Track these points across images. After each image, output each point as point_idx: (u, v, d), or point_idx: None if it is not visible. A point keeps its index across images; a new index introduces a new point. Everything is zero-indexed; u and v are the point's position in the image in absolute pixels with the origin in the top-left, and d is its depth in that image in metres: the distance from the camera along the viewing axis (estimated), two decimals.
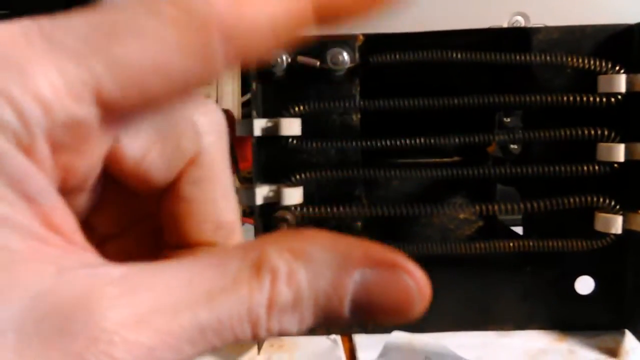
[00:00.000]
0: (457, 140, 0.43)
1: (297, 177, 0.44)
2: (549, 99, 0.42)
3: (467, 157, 0.51)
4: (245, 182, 0.51)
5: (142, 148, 0.20)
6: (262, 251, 0.17)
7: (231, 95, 0.65)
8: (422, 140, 0.43)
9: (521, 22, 0.69)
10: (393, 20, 0.69)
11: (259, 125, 0.43)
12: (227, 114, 0.53)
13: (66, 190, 0.18)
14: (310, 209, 0.44)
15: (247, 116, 0.44)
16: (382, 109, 0.43)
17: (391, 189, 0.51)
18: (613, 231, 0.42)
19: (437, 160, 0.50)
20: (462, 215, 0.51)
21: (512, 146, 0.51)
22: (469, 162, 0.47)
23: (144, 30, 0.16)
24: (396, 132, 0.43)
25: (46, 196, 0.16)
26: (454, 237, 0.51)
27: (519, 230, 0.48)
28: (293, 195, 0.44)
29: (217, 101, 0.64)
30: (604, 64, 0.41)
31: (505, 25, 0.68)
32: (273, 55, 0.43)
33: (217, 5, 0.17)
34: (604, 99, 0.41)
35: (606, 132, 0.42)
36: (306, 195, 0.45)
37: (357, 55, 0.44)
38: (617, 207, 0.42)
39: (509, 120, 0.53)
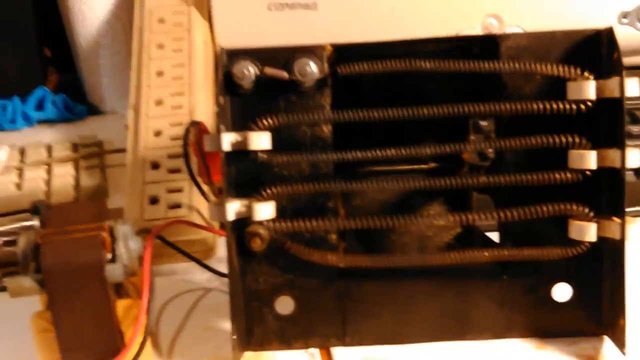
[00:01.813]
0: (429, 150, 0.42)
1: (269, 191, 0.43)
2: (519, 106, 0.41)
3: (443, 163, 0.50)
4: (220, 194, 0.50)
5: None
6: None
7: (204, 106, 0.64)
8: (395, 151, 0.42)
9: (494, 24, 0.68)
10: (364, 26, 0.69)
11: (228, 139, 0.42)
12: (200, 126, 0.52)
13: None
14: (283, 223, 0.43)
15: (218, 130, 0.43)
16: (352, 120, 0.43)
17: (367, 197, 0.51)
18: (587, 239, 0.41)
19: (414, 166, 0.50)
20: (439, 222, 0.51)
21: (488, 149, 0.51)
22: (444, 169, 0.47)
23: None
24: (368, 141, 0.43)
25: None
26: (432, 244, 0.50)
27: (496, 236, 0.48)
28: (265, 210, 0.43)
29: (189, 113, 0.63)
30: (572, 70, 0.41)
31: (478, 27, 0.68)
32: (240, 67, 0.43)
33: None
34: (574, 106, 0.41)
35: (577, 139, 0.41)
36: (279, 209, 0.44)
37: (325, 65, 0.43)
38: (591, 214, 0.42)
39: (485, 123, 0.52)
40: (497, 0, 0.67)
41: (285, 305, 0.46)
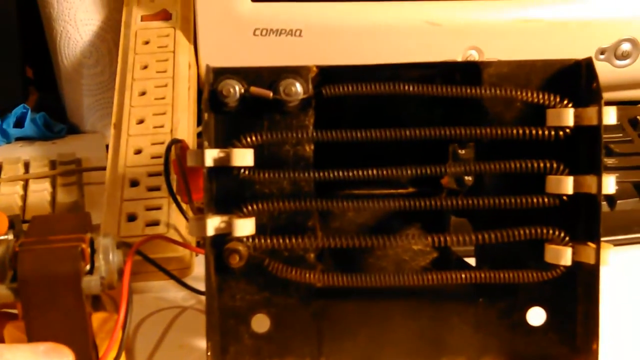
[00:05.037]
0: (409, 172, 0.43)
1: (249, 208, 0.43)
2: (500, 131, 0.42)
3: (422, 188, 0.51)
4: (199, 213, 0.51)
5: None
6: None
7: (186, 126, 0.65)
8: (376, 171, 0.43)
9: (475, 56, 0.70)
10: (348, 53, 0.70)
11: (211, 155, 0.43)
12: (182, 144, 0.53)
13: None
14: (263, 240, 0.44)
15: (201, 146, 0.43)
16: (335, 140, 0.43)
17: (346, 219, 0.51)
18: (563, 263, 0.42)
19: (392, 191, 0.50)
20: (416, 247, 0.51)
21: (466, 178, 0.52)
22: (423, 194, 0.48)
23: None
24: (350, 163, 0.43)
25: None
26: (409, 268, 0.51)
27: (473, 261, 0.48)
28: (245, 227, 0.43)
29: (171, 131, 0.63)
30: (552, 98, 0.42)
31: (459, 58, 0.70)
32: (226, 86, 0.43)
33: None
34: (553, 132, 0.42)
35: (555, 165, 0.42)
36: (258, 226, 0.44)
37: (310, 86, 0.44)
38: (567, 238, 0.42)
39: (463, 152, 0.53)
40: (478, 35, 0.69)
41: (261, 323, 0.46)
